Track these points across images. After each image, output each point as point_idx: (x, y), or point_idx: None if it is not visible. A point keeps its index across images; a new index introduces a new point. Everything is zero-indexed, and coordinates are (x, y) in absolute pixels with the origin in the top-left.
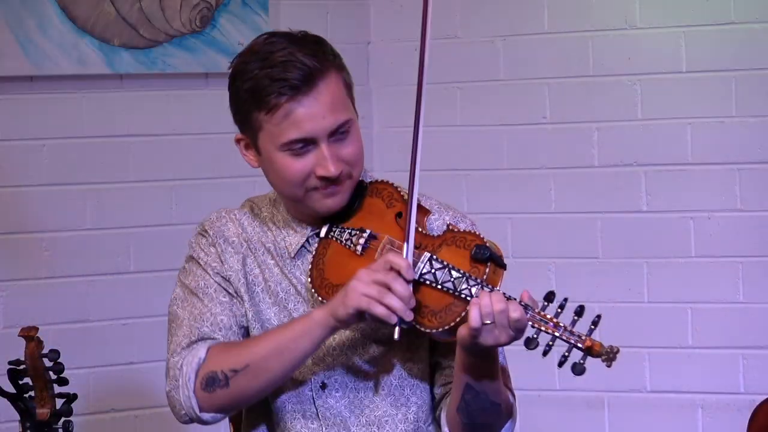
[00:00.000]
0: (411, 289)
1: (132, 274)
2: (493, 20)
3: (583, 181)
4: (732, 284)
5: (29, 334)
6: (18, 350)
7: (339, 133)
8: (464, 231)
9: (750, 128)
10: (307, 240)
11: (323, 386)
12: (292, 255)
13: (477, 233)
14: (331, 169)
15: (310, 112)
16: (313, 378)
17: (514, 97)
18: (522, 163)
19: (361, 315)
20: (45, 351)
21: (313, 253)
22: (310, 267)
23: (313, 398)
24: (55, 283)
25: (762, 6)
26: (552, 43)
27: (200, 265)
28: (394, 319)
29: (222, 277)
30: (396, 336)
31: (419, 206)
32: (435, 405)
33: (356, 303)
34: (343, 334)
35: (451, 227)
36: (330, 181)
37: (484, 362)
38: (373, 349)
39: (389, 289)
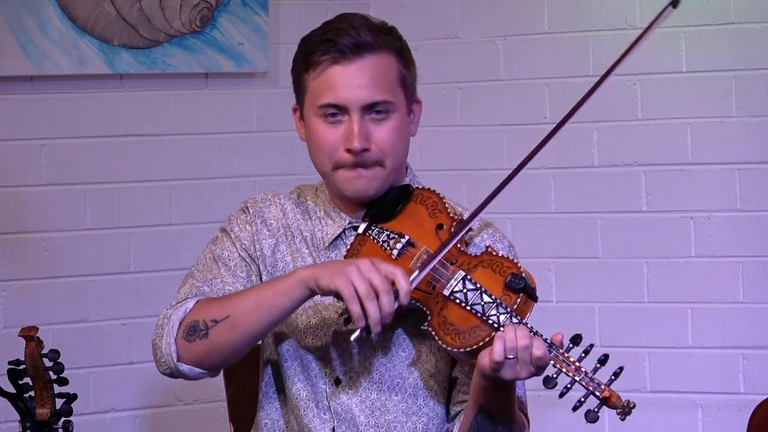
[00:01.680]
0: (395, 309)
1: (132, 274)
2: (493, 20)
3: (583, 181)
4: (732, 284)
5: (29, 334)
6: (18, 350)
7: (375, 111)
8: (502, 256)
9: (750, 128)
10: (344, 231)
11: (337, 382)
12: (327, 245)
13: (515, 261)
14: (355, 143)
15: (348, 79)
16: (329, 372)
17: (514, 97)
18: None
19: (338, 295)
20: (45, 351)
21: (348, 246)
22: (343, 260)
23: (326, 392)
24: (55, 283)
25: (762, 6)
26: (552, 43)
27: (230, 237)
28: (362, 323)
29: (248, 254)
30: (352, 338)
31: (462, 222)
32: (449, 420)
33: (341, 285)
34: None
35: (489, 249)
36: (356, 159)
37: (501, 390)
38: (393, 354)
39: (377, 296)
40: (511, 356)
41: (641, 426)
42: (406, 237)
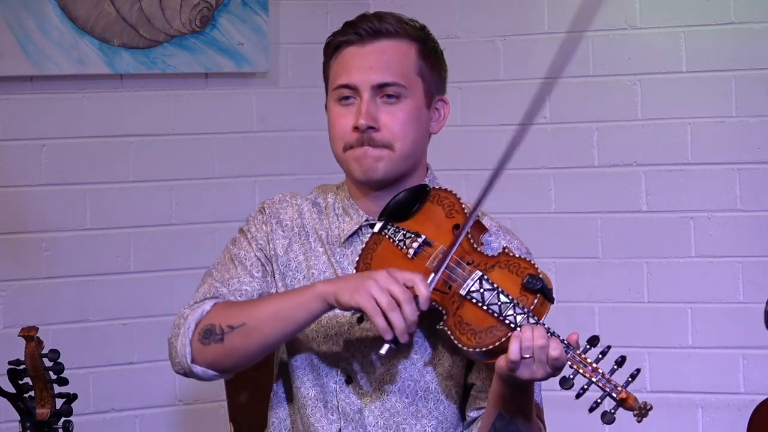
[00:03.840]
0: (418, 316)
1: (132, 274)
2: (493, 20)
3: (583, 181)
4: (732, 284)
5: (29, 334)
6: (18, 350)
7: (387, 95)
8: (519, 257)
9: (750, 128)
10: (360, 228)
11: (348, 381)
12: (342, 241)
13: (532, 262)
14: (361, 120)
15: (361, 60)
16: (340, 371)
17: (514, 97)
18: (522, 163)
19: (359, 312)
20: (45, 351)
21: (364, 245)
22: (358, 259)
23: (336, 391)
24: (55, 283)
25: (762, 6)
26: (552, 43)
27: (247, 238)
28: (389, 336)
29: (264, 254)
30: (383, 351)
31: (478, 222)
32: (465, 426)
33: (362, 302)
34: (379, 334)
35: (506, 250)
36: (363, 137)
37: (519, 394)
38: (406, 354)
39: (399, 306)
40: (527, 356)
41: (641, 426)
42: (423, 236)
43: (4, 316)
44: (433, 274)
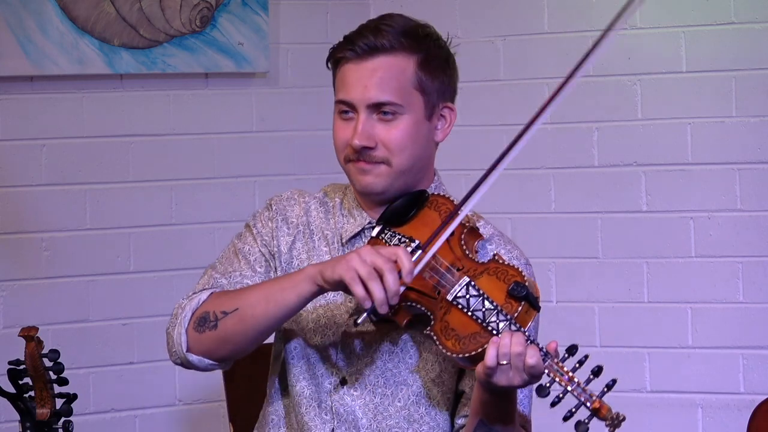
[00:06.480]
0: (401, 289)
1: (132, 274)
2: (493, 20)
3: (583, 181)
4: (732, 284)
5: (29, 334)
6: (18, 350)
7: (383, 112)
8: (508, 264)
9: (750, 128)
10: (363, 230)
11: (343, 382)
12: (344, 241)
13: (519, 270)
14: (355, 141)
15: (357, 78)
16: (336, 372)
17: (514, 97)
18: (522, 163)
19: (344, 286)
20: (45, 351)
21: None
22: None
23: (330, 391)
24: (55, 283)
25: (762, 6)
26: (552, 43)
27: (252, 233)
28: (368, 305)
29: (268, 250)
30: (359, 320)
31: (473, 229)
32: None
33: (343, 272)
34: (374, 337)
35: (496, 257)
36: (359, 155)
37: (500, 402)
38: (399, 359)
39: (381, 277)
40: (504, 362)
41: (641, 426)
42: (417, 241)
43: (4, 316)
44: (420, 251)
